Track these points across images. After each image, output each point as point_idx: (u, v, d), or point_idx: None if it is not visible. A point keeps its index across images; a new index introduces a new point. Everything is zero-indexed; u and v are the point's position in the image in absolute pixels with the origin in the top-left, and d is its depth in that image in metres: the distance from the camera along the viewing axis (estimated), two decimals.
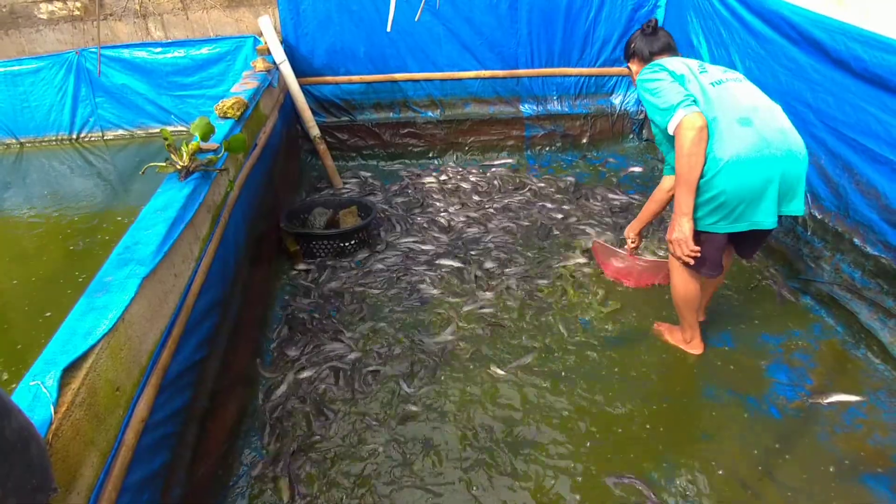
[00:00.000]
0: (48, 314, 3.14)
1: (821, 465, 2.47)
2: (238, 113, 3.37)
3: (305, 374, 3.00)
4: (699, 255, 2.61)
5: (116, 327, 1.72)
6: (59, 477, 1.37)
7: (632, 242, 3.41)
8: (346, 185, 5.08)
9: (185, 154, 2.62)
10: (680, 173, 2.49)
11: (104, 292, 1.84)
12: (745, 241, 2.78)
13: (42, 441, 1.21)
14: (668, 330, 3.22)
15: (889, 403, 2.76)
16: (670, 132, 2.50)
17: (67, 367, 1.52)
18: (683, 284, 2.88)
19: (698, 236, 2.61)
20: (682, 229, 2.57)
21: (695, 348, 3.10)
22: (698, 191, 2.50)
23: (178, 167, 2.61)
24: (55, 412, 1.41)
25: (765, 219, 2.52)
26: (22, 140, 6.40)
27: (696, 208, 2.55)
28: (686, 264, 2.68)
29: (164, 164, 2.65)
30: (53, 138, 6.39)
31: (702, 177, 2.48)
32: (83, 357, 1.57)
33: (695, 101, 2.45)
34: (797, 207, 2.57)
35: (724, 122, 2.44)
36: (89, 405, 1.53)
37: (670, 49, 2.82)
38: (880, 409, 2.73)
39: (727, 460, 2.51)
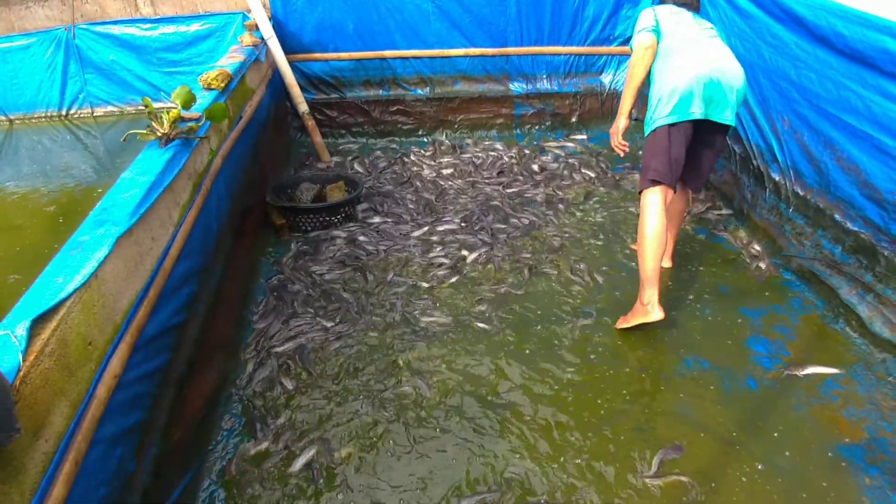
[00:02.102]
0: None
1: (795, 435, 2.50)
2: (222, 84, 3.37)
3: (284, 347, 3.03)
4: (627, 149, 3.30)
5: (89, 283, 1.74)
6: (27, 422, 1.39)
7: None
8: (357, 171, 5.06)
9: (165, 121, 2.62)
10: (626, 78, 3.15)
11: (79, 250, 1.85)
12: (690, 164, 3.12)
13: (6, 382, 1.24)
14: (625, 317, 3.11)
15: (865, 377, 2.79)
16: (633, 48, 3.13)
17: (37, 318, 1.54)
18: (650, 217, 2.98)
19: (647, 141, 3.07)
20: (616, 125, 3.27)
21: (654, 312, 2.92)
22: (650, 96, 3.04)
23: (159, 134, 2.61)
24: (24, 360, 1.43)
25: (692, 112, 2.93)
26: (12, 117, 6.38)
27: (647, 118, 3.08)
28: (643, 176, 3.05)
29: (145, 131, 2.65)
30: (43, 115, 6.37)
31: (653, 87, 3.04)
32: (54, 309, 1.59)
33: (655, 31, 3.04)
34: (722, 116, 2.98)
35: (676, 43, 3.04)
36: (59, 356, 1.55)
37: (689, 5, 3.38)
38: (856, 381, 2.76)
39: (702, 430, 2.53)
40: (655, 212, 2.97)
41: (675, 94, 2.92)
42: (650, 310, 2.94)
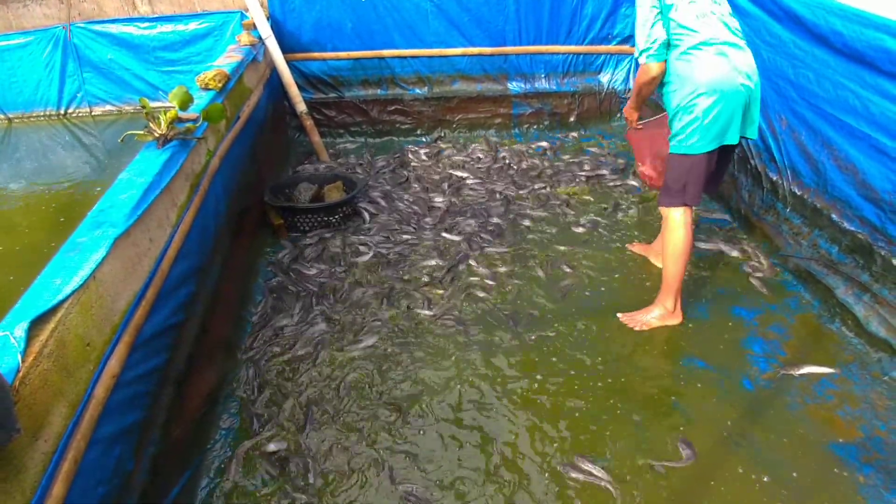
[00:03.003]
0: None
1: (790, 434, 2.52)
2: (220, 84, 3.37)
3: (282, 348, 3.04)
4: (641, 126, 3.25)
5: (87, 284, 1.75)
6: (26, 423, 1.40)
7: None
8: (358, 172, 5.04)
9: (162, 122, 2.63)
10: (633, 94, 3.09)
11: (76, 252, 1.86)
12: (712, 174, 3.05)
13: (5, 383, 1.24)
14: (635, 318, 3.17)
15: (860, 376, 2.80)
16: (639, 63, 2.93)
17: (36, 319, 1.54)
18: (681, 233, 2.99)
19: (681, 161, 2.92)
20: (631, 119, 3.24)
21: (677, 318, 3.13)
22: (679, 115, 2.86)
23: (156, 135, 2.62)
24: (23, 361, 1.44)
25: (732, 138, 2.88)
26: (10, 115, 6.37)
27: (678, 132, 2.88)
28: (674, 196, 2.97)
29: (142, 132, 2.66)
30: (42, 114, 6.37)
31: (682, 100, 2.83)
32: (52, 310, 1.60)
33: (664, 45, 2.81)
34: (753, 132, 2.96)
35: (704, 52, 2.78)
36: (58, 357, 1.56)
37: None
38: (851, 381, 2.77)
39: (698, 431, 2.55)
40: (685, 228, 2.99)
41: (715, 121, 2.78)
42: (675, 315, 3.13)
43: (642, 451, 2.45)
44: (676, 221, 3.00)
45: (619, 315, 3.19)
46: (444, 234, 3.95)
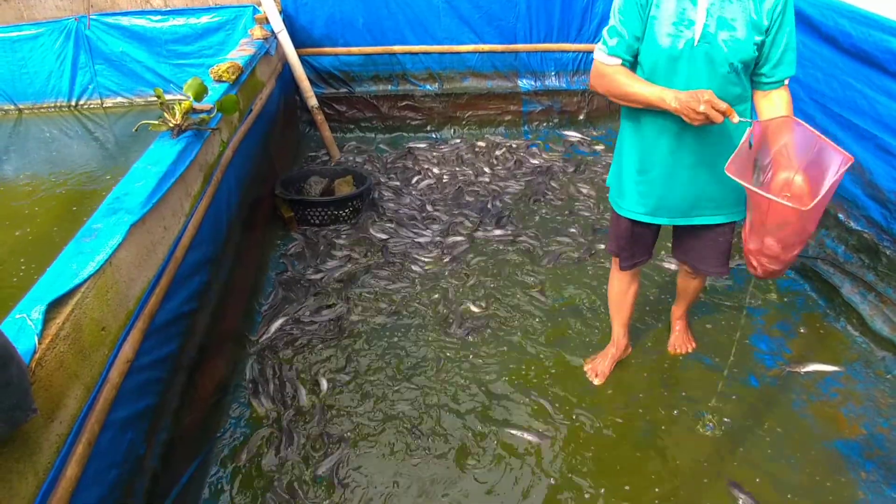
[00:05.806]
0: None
1: (794, 431, 2.54)
2: (233, 77, 3.40)
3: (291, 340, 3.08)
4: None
5: (103, 269, 1.78)
6: (42, 404, 1.43)
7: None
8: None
9: (177, 112, 2.66)
10: None
11: (93, 237, 1.89)
12: None
13: (23, 363, 1.27)
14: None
15: (865, 374, 2.82)
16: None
17: (53, 302, 1.58)
18: None
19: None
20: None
21: None
22: None
23: (171, 125, 2.65)
24: (39, 343, 1.47)
25: None
26: (21, 106, 6.41)
27: None
28: None
29: (156, 122, 2.69)
30: (52, 105, 6.40)
31: None
32: (69, 294, 1.63)
33: None
34: None
35: None
36: (74, 340, 1.59)
37: None
38: (856, 379, 2.79)
39: (703, 427, 2.57)
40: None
41: None
42: None
43: (647, 446, 2.47)
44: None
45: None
46: (446, 235, 3.98)
